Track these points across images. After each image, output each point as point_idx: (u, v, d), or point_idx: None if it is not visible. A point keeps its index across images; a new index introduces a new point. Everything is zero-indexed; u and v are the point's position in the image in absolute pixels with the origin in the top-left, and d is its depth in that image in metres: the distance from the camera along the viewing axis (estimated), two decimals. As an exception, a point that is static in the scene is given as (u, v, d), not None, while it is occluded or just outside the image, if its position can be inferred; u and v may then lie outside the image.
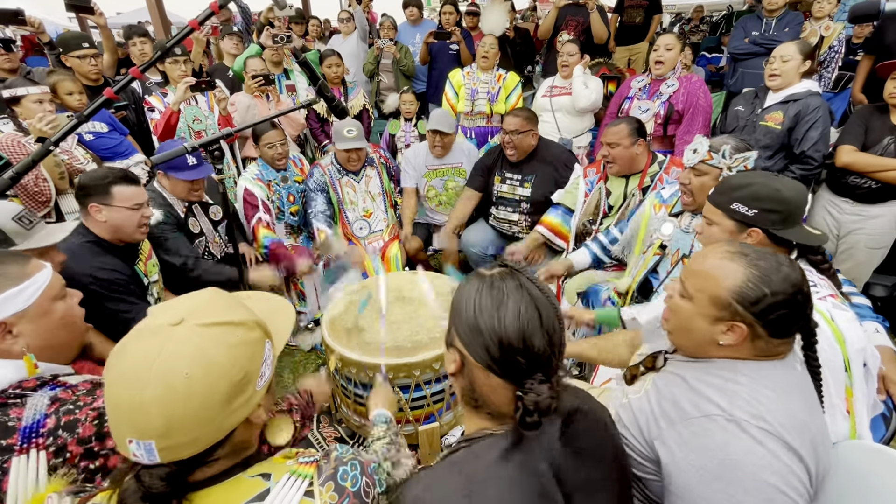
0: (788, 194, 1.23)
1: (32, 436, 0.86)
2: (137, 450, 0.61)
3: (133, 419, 0.61)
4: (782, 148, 2.46)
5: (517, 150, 2.67)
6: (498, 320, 0.70)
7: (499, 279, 0.75)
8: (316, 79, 1.66)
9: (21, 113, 2.28)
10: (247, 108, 3.15)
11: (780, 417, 0.83)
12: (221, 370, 0.64)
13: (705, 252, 0.98)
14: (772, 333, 0.88)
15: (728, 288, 0.89)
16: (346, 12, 4.56)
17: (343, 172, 2.87)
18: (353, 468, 0.76)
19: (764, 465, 0.80)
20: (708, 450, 0.83)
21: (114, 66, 3.47)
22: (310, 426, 1.27)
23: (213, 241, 2.40)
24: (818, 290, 1.18)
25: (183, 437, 0.62)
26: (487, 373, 0.72)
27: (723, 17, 7.05)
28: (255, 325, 0.72)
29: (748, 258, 0.90)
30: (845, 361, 1.11)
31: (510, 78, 3.45)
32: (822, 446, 0.85)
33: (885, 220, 2.33)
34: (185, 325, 0.65)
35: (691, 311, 0.95)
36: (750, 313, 0.87)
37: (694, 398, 0.91)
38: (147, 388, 0.60)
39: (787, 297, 0.86)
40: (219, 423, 0.65)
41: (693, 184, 1.69)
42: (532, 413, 0.68)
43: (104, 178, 1.69)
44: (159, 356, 0.62)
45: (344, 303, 2.08)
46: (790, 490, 0.79)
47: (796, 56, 2.37)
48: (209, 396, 0.63)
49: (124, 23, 6.52)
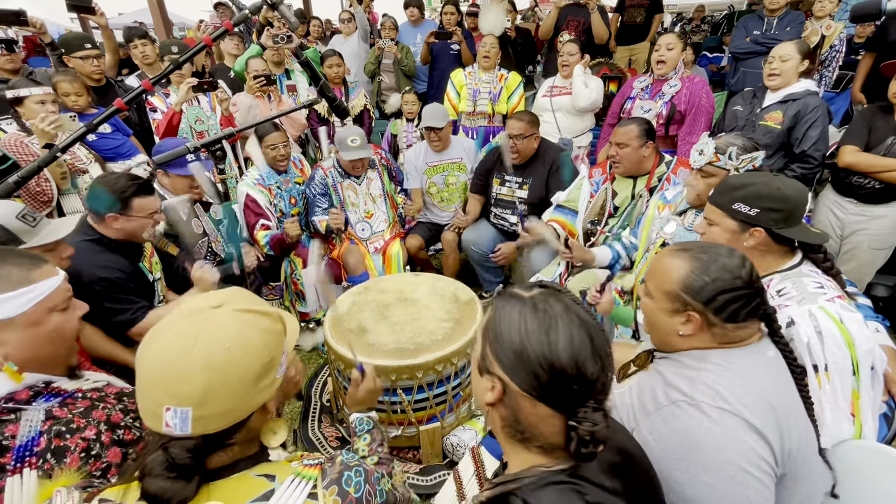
0: (790, 193, 1.24)
1: (26, 455, 0.83)
2: (173, 418, 0.65)
3: (175, 385, 0.65)
4: (782, 147, 2.46)
5: (521, 153, 2.67)
6: (548, 345, 0.65)
7: (542, 300, 0.70)
8: (317, 79, 1.66)
9: (24, 114, 2.29)
10: (248, 108, 3.16)
11: (741, 398, 0.86)
12: (256, 350, 0.70)
13: (658, 254, 1.07)
14: (724, 319, 0.94)
15: (676, 280, 0.98)
16: (347, 12, 4.57)
17: (344, 175, 2.87)
18: (357, 474, 0.77)
19: (724, 444, 0.83)
20: (674, 434, 0.87)
21: (115, 66, 3.48)
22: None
23: (215, 241, 2.40)
24: (826, 292, 1.18)
25: (218, 407, 0.66)
26: (535, 402, 0.67)
27: (724, 17, 7.05)
28: (279, 319, 0.78)
29: (690, 252, 1.00)
30: (854, 364, 1.11)
31: (512, 78, 3.45)
32: (789, 425, 0.88)
33: (889, 221, 2.32)
34: (224, 309, 0.71)
35: (653, 307, 1.03)
36: (697, 301, 0.95)
37: (666, 389, 0.96)
38: (193, 357, 0.65)
39: (726, 284, 0.94)
40: (248, 399, 0.70)
41: (700, 185, 1.69)
42: (588, 444, 0.64)
43: (123, 190, 1.67)
44: (204, 330, 0.68)
45: (346, 304, 2.08)
46: (751, 467, 0.82)
47: (795, 56, 2.37)
48: (244, 372, 0.68)
49: (126, 23, 6.54)
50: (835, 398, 1.10)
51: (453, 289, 2.14)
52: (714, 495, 0.82)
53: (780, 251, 1.29)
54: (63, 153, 1.37)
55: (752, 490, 0.82)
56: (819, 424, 1.13)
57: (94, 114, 2.62)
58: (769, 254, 1.29)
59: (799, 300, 1.18)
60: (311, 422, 2.21)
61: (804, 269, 1.26)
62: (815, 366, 1.12)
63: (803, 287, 1.20)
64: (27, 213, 1.35)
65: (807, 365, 1.12)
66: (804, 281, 1.22)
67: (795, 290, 1.20)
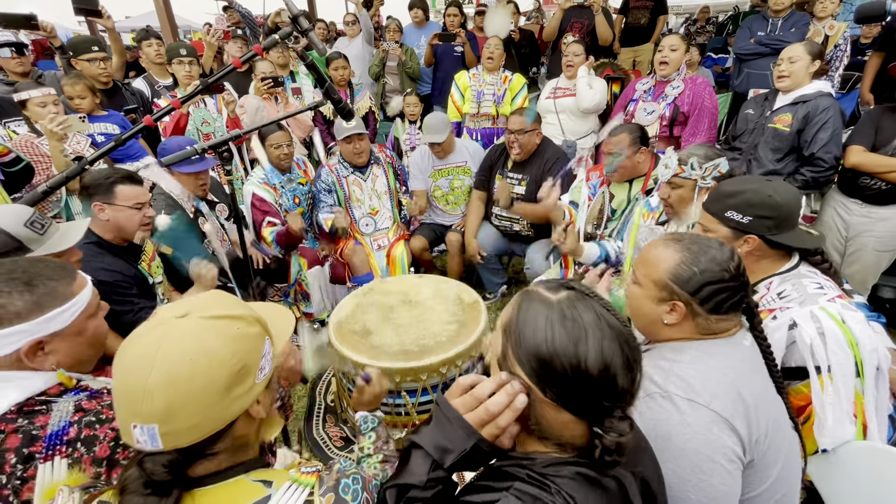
0: (781, 199, 1.24)
1: (56, 443, 0.87)
2: (141, 435, 0.63)
3: (137, 404, 0.63)
4: (792, 150, 2.43)
5: (522, 149, 2.68)
6: (578, 358, 0.63)
7: (569, 307, 0.67)
8: (323, 81, 1.68)
9: (29, 116, 2.32)
10: (256, 110, 3.18)
11: (712, 388, 0.89)
12: (222, 359, 0.67)
13: (650, 243, 1.08)
14: (708, 310, 0.96)
15: (664, 269, 1.00)
16: (352, 15, 4.60)
17: (350, 170, 2.89)
18: (354, 482, 0.76)
19: (692, 435, 0.86)
20: (647, 425, 0.88)
21: (122, 68, 3.52)
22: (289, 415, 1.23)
23: (222, 240, 2.42)
24: (826, 292, 1.19)
25: (184, 421, 0.64)
26: (560, 409, 0.65)
27: (729, 18, 7.03)
28: (255, 321, 0.74)
29: (681, 243, 1.01)
30: (858, 365, 1.11)
31: (516, 79, 3.46)
32: (758, 413, 0.90)
33: (893, 223, 2.31)
34: (189, 318, 0.68)
35: (640, 295, 1.05)
36: (684, 291, 0.97)
37: (643, 382, 0.95)
38: (152, 373, 0.63)
39: (714, 275, 0.96)
40: (219, 411, 0.67)
41: (672, 197, 1.74)
42: (612, 452, 0.63)
43: (107, 177, 1.71)
44: (164, 343, 0.65)
45: (351, 305, 2.09)
46: (719, 457, 0.85)
47: (804, 57, 2.35)
48: (210, 383, 0.65)
49: (133, 27, 6.59)
50: (837, 399, 1.10)
51: (457, 291, 2.14)
52: (680, 482, 0.85)
53: (775, 255, 1.30)
54: (91, 165, 1.38)
55: (717, 478, 0.85)
56: (820, 426, 1.13)
57: (101, 116, 2.65)
58: (764, 258, 1.30)
59: (800, 301, 1.18)
60: (315, 421, 2.22)
61: (803, 270, 1.26)
62: (817, 367, 1.12)
63: (803, 288, 1.20)
64: (36, 220, 1.33)
65: (809, 367, 1.13)
66: (804, 282, 1.22)
67: (796, 291, 1.21)
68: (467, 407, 0.70)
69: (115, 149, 1.40)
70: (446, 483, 0.73)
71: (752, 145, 2.54)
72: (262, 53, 1.42)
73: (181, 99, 1.48)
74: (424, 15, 4.62)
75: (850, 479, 1.13)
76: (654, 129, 2.80)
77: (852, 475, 1.13)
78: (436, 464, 0.70)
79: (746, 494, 0.90)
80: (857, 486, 1.12)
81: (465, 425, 0.69)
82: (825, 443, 1.13)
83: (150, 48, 3.25)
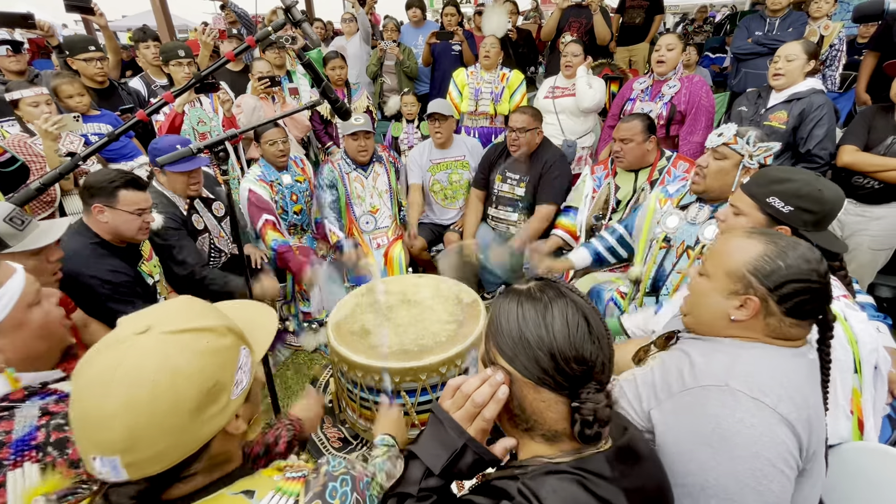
0: (830, 196, 1.20)
1: (24, 449, 0.83)
2: (102, 467, 0.58)
3: (95, 433, 0.57)
4: (788, 147, 2.45)
5: (523, 147, 2.68)
6: (545, 328, 0.67)
7: (538, 290, 0.72)
8: (320, 80, 1.67)
9: (21, 116, 2.30)
10: (252, 109, 3.17)
11: (777, 390, 0.84)
12: (189, 378, 0.61)
13: (727, 235, 1.02)
14: (785, 311, 0.90)
15: (744, 261, 0.93)
16: (349, 14, 4.59)
17: (352, 167, 2.89)
18: (343, 484, 0.72)
19: (755, 436, 0.81)
20: (702, 417, 0.85)
21: (118, 67, 3.50)
22: (297, 445, 1.17)
23: (218, 237, 2.40)
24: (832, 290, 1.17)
25: (149, 450, 0.58)
26: (538, 388, 0.68)
27: (726, 18, 7.03)
28: (227, 331, 0.68)
29: (768, 237, 0.95)
30: (856, 363, 1.10)
31: (514, 77, 3.45)
32: (817, 422, 0.87)
33: (889, 222, 2.31)
34: (150, 334, 0.62)
35: (708, 287, 0.98)
36: (763, 285, 0.90)
37: (695, 371, 0.93)
38: (109, 399, 0.57)
39: (801, 273, 0.88)
40: (190, 434, 0.61)
41: (710, 167, 1.65)
42: (591, 424, 0.66)
43: (112, 181, 1.70)
44: (121, 365, 0.59)
45: (350, 306, 2.08)
46: (780, 462, 0.80)
47: (801, 56, 2.36)
48: (176, 406, 0.59)
49: (129, 26, 6.55)
50: (834, 395, 1.10)
51: (457, 290, 2.14)
52: (737, 485, 0.81)
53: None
54: (84, 161, 1.36)
55: (776, 484, 0.81)
56: None
57: (94, 116, 2.64)
58: None
59: None
60: (313, 422, 2.21)
61: None
62: None
63: None
64: (16, 216, 1.30)
65: None
66: None
67: None
68: (457, 405, 0.74)
69: (108, 143, 1.38)
70: (442, 493, 0.74)
71: None
72: (255, 45, 1.41)
73: (174, 92, 1.46)
74: (422, 14, 4.61)
75: (848, 479, 1.13)
76: (651, 128, 2.81)
77: (850, 475, 1.13)
78: (428, 471, 0.72)
79: None
80: (855, 485, 1.12)
81: (455, 425, 0.73)
82: None
83: (148, 50, 3.23)
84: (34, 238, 1.35)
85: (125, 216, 1.72)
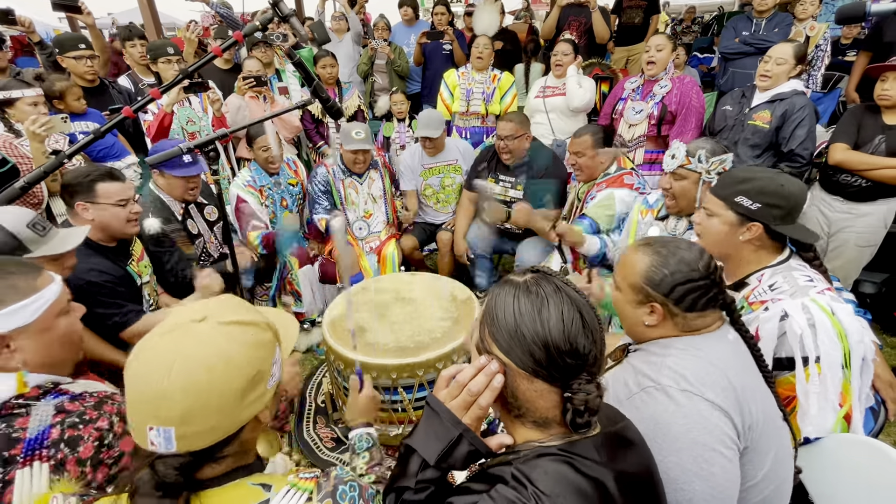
0: (792, 190, 1.26)
1: (37, 447, 0.85)
2: (157, 437, 0.64)
3: (156, 406, 0.64)
4: (770, 147, 2.50)
5: (512, 154, 2.69)
6: (541, 323, 0.70)
7: (534, 283, 0.74)
8: (311, 79, 1.66)
9: (14, 115, 2.26)
10: (237, 109, 3.15)
11: (703, 379, 0.91)
12: (238, 365, 0.68)
13: (627, 248, 1.13)
14: (684, 309, 0.99)
15: (639, 273, 1.04)
16: (340, 12, 4.56)
17: (347, 173, 2.87)
18: (351, 489, 0.76)
19: (690, 425, 0.88)
20: (645, 420, 0.90)
21: (106, 66, 3.44)
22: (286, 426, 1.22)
23: (210, 242, 2.39)
24: (815, 285, 1.21)
25: (201, 425, 0.65)
26: (532, 378, 0.71)
27: (714, 18, 7.12)
28: (267, 327, 0.76)
29: (652, 247, 1.05)
30: (845, 356, 1.13)
31: (505, 78, 3.46)
32: (748, 401, 0.92)
33: (874, 219, 2.37)
34: (206, 323, 0.69)
35: (622, 300, 1.09)
36: (658, 293, 1.01)
37: (636, 377, 1.00)
38: (171, 377, 0.64)
39: (683, 275, 0.99)
40: (235, 415, 0.68)
41: (674, 188, 1.76)
42: (582, 413, 0.69)
43: (87, 175, 1.68)
44: (182, 348, 0.66)
45: (343, 304, 2.08)
46: (718, 444, 0.87)
47: (790, 60, 2.43)
48: (227, 389, 0.67)
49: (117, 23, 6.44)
50: (824, 389, 1.12)
51: (450, 287, 2.15)
52: (684, 475, 0.87)
53: (772, 247, 1.31)
54: (70, 160, 1.35)
55: (717, 466, 0.87)
56: (803, 415, 1.15)
57: (82, 115, 2.59)
58: (762, 249, 1.31)
59: (791, 293, 1.20)
60: (306, 423, 2.21)
61: (793, 264, 1.29)
62: (804, 358, 1.14)
63: (794, 281, 1.23)
64: (38, 222, 1.34)
65: (796, 357, 1.15)
66: (794, 275, 1.24)
67: (787, 283, 1.23)
68: (452, 395, 0.76)
69: (93, 141, 1.37)
70: (439, 484, 0.75)
71: (732, 142, 2.60)
72: (241, 39, 1.39)
73: (161, 89, 1.45)
74: (414, 13, 4.60)
75: (833, 471, 1.15)
76: (642, 127, 2.83)
77: (835, 467, 1.15)
78: (424, 463, 0.73)
79: (743, 485, 0.91)
80: (840, 477, 1.14)
81: (451, 416, 0.75)
82: (808, 431, 1.15)
83: (134, 49, 3.19)
84: (55, 244, 1.37)
85: (110, 209, 1.70)
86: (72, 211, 1.70)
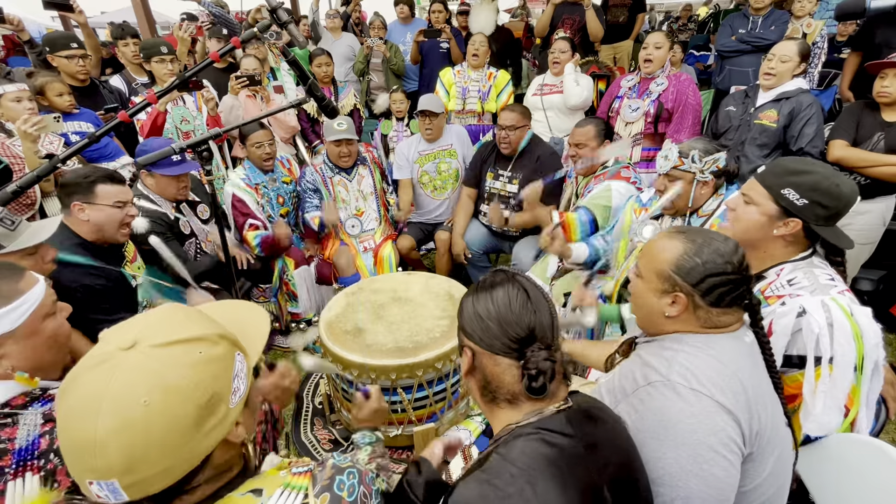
0: (846, 192, 1.20)
1: (27, 458, 0.83)
2: (101, 491, 0.55)
3: (89, 458, 0.54)
4: (779, 146, 2.48)
5: (512, 144, 2.68)
6: (492, 302, 0.81)
7: (490, 276, 0.87)
8: (305, 78, 1.64)
9: (3, 114, 2.23)
10: (230, 108, 3.12)
11: (715, 379, 0.89)
12: (184, 394, 0.58)
13: (655, 237, 1.09)
14: (710, 303, 0.96)
15: (667, 261, 0.99)
16: (335, 10, 4.53)
17: (335, 171, 2.85)
18: (350, 476, 0.72)
19: (696, 425, 0.86)
20: (649, 413, 0.90)
21: (98, 65, 3.41)
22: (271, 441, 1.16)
23: (205, 241, 2.36)
24: (836, 285, 1.18)
25: (149, 469, 0.56)
26: (492, 355, 0.81)
27: (710, 16, 7.11)
28: (219, 339, 0.65)
29: (685, 235, 1.01)
30: (859, 358, 1.10)
31: (501, 76, 3.45)
32: (759, 407, 0.91)
33: (873, 217, 2.36)
34: (137, 349, 0.59)
35: (643, 288, 1.05)
36: (686, 283, 0.97)
37: (644, 370, 0.98)
38: (100, 422, 0.54)
39: (716, 268, 0.95)
40: (190, 449, 0.59)
41: (668, 189, 1.71)
42: (536, 377, 0.77)
43: (87, 176, 1.67)
44: (110, 385, 0.56)
45: (341, 305, 2.06)
46: (720, 447, 0.85)
47: (794, 58, 2.40)
48: (174, 423, 0.57)
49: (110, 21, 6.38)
50: (832, 389, 1.10)
51: (447, 286, 2.13)
52: (681, 472, 0.86)
53: (802, 245, 1.26)
54: (64, 164, 1.33)
55: (718, 468, 0.85)
56: (806, 413, 1.14)
57: (75, 114, 2.56)
58: (792, 245, 1.26)
59: (811, 290, 1.16)
60: (303, 425, 2.19)
61: (815, 261, 1.24)
62: (817, 358, 1.11)
63: (815, 278, 1.19)
64: (5, 217, 1.31)
65: (809, 356, 1.12)
66: (815, 272, 1.20)
67: (807, 280, 1.19)
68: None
69: (89, 145, 1.34)
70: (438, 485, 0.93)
71: (739, 142, 2.58)
72: (239, 45, 1.38)
73: (157, 94, 1.43)
74: (410, 11, 4.58)
75: (835, 471, 1.15)
76: (639, 125, 2.82)
77: (835, 466, 1.14)
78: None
79: (742, 488, 0.90)
80: (841, 476, 1.14)
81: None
82: (810, 429, 1.13)
83: (127, 48, 3.15)
84: (27, 237, 1.34)
85: (106, 210, 1.68)
86: (67, 211, 1.68)
